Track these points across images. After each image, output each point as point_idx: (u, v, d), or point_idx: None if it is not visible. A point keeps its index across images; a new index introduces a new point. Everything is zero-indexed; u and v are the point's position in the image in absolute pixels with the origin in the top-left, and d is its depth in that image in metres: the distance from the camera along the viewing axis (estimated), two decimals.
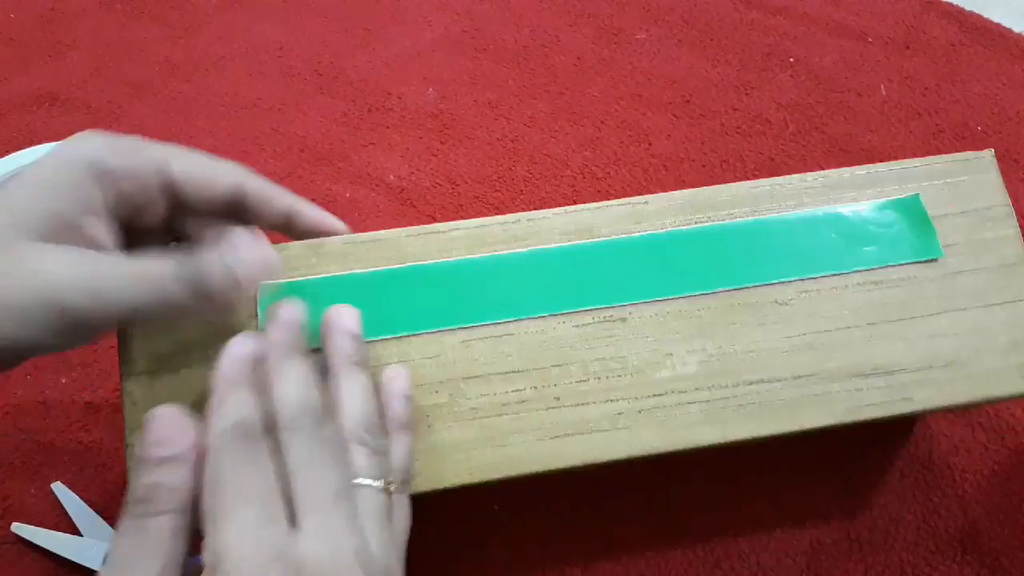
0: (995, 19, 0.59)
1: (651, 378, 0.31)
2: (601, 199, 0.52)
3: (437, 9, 0.62)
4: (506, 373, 0.31)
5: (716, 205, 0.33)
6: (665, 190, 0.51)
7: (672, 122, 0.54)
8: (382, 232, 0.32)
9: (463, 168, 0.52)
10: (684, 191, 0.33)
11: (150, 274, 0.27)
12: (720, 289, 0.32)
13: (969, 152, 0.34)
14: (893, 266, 0.32)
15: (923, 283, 0.32)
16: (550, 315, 0.31)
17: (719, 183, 0.51)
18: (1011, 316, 0.32)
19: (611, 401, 0.30)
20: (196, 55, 0.59)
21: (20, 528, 0.39)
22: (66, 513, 0.39)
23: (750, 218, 0.33)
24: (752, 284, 0.32)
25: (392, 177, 0.52)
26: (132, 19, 0.62)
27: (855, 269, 0.32)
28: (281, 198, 0.32)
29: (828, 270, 0.32)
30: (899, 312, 0.32)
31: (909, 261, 0.33)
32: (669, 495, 0.40)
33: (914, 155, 0.52)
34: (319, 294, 0.31)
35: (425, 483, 0.30)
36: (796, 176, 0.34)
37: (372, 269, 0.32)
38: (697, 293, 0.32)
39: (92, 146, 0.29)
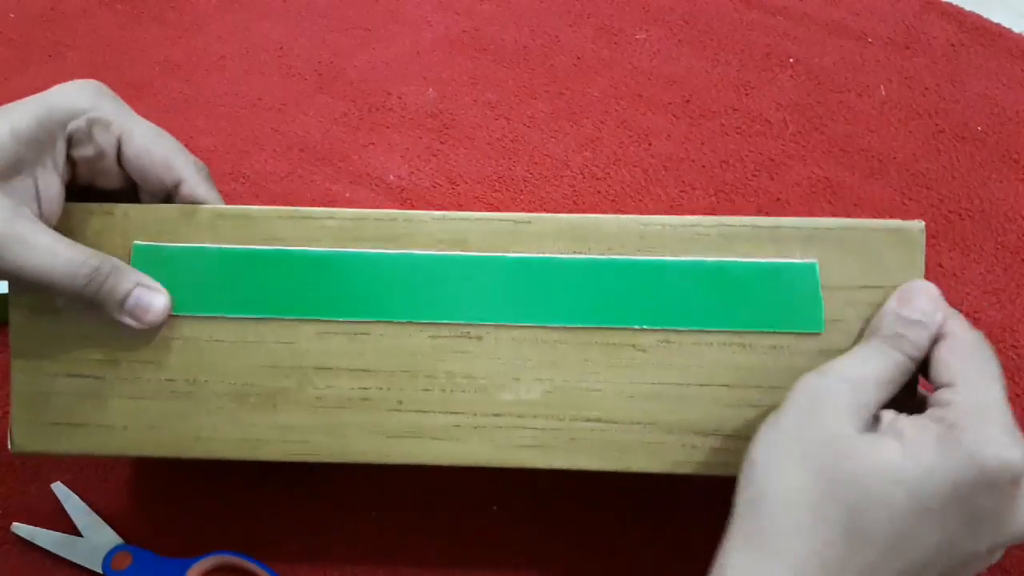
0: (995, 19, 0.59)
1: (493, 398, 0.32)
2: (601, 199, 0.52)
3: (437, 9, 0.62)
4: (355, 371, 0.32)
5: (600, 237, 0.32)
6: (665, 190, 0.52)
7: (672, 122, 0.54)
8: (254, 208, 0.33)
9: (463, 168, 0.52)
10: (571, 216, 0.32)
11: (62, 257, 0.30)
12: (581, 325, 0.31)
13: (899, 221, 0.31)
14: (766, 332, 0.31)
15: (794, 355, 0.31)
16: (408, 322, 0.32)
17: (719, 183, 0.52)
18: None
19: (451, 413, 0.31)
20: (196, 55, 0.59)
21: (20, 528, 0.39)
22: (66, 513, 0.39)
23: (630, 257, 0.32)
24: (614, 325, 0.31)
25: (392, 177, 0.52)
26: (132, 19, 0.62)
27: (724, 328, 0.31)
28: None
29: (695, 324, 0.31)
30: (759, 379, 0.31)
31: (784, 330, 0.31)
32: (675, 503, 0.40)
33: (913, 156, 0.52)
34: (189, 263, 0.32)
35: (267, 454, 0.32)
36: (692, 218, 0.32)
37: (240, 246, 0.32)
38: (557, 325, 0.32)
39: (77, 103, 0.32)
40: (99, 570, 0.38)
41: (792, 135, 0.53)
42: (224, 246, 0.32)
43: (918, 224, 0.31)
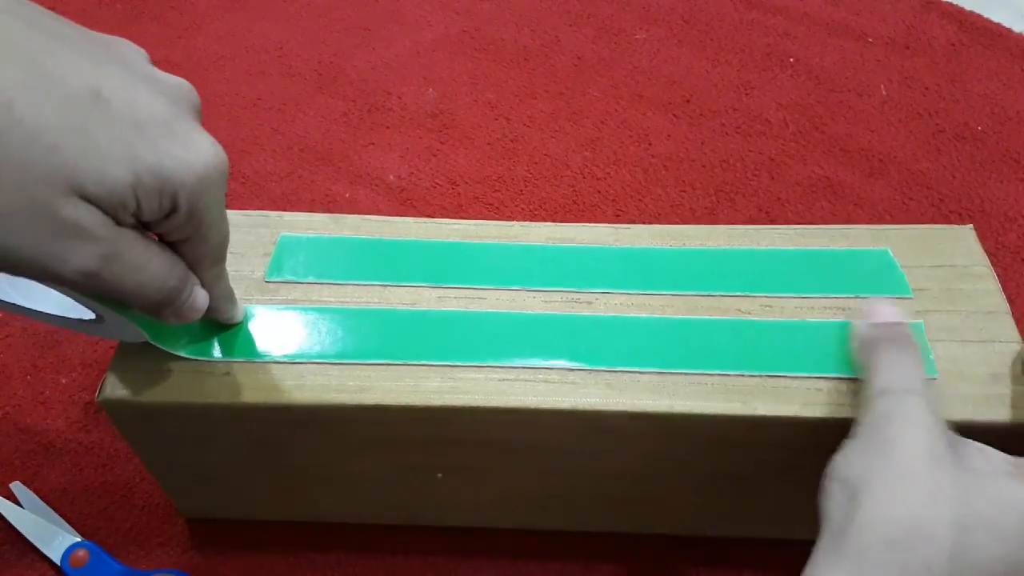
0: (995, 19, 0.59)
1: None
2: (601, 199, 0.52)
3: (437, 9, 0.62)
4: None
5: (692, 236, 0.35)
6: (665, 190, 0.52)
7: (672, 122, 0.54)
8: (392, 217, 0.36)
9: (463, 168, 0.52)
10: (663, 226, 0.36)
11: (168, 260, 0.26)
12: (685, 292, 0.34)
13: (949, 225, 0.35)
14: (861, 297, 0.33)
15: None
16: (522, 288, 0.34)
17: (719, 183, 0.52)
18: (990, 353, 0.31)
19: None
20: (196, 55, 0.59)
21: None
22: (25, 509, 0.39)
23: (722, 247, 0.35)
24: (716, 292, 0.34)
25: (392, 177, 0.52)
26: (132, 19, 0.62)
27: (822, 294, 0.33)
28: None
29: (794, 291, 0.33)
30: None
31: (878, 295, 0.33)
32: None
33: (914, 155, 0.52)
34: (333, 249, 0.35)
35: (379, 398, 0.31)
36: (770, 227, 0.36)
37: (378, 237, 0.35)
38: (664, 292, 0.34)
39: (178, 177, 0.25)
40: (57, 561, 0.37)
41: (792, 135, 0.53)
42: (362, 236, 0.35)
43: (968, 227, 0.35)
